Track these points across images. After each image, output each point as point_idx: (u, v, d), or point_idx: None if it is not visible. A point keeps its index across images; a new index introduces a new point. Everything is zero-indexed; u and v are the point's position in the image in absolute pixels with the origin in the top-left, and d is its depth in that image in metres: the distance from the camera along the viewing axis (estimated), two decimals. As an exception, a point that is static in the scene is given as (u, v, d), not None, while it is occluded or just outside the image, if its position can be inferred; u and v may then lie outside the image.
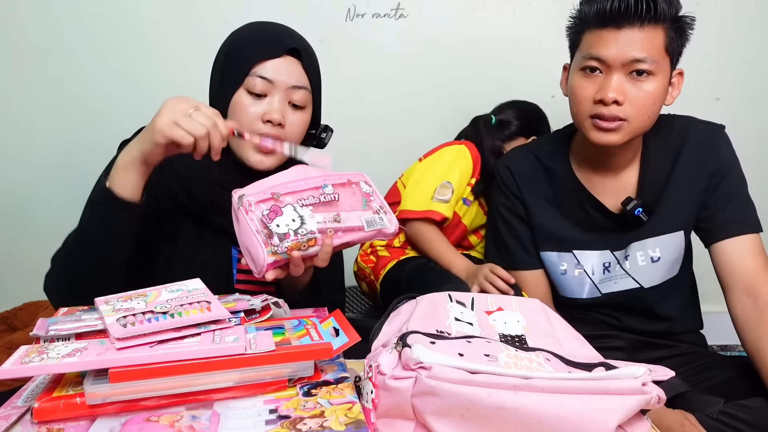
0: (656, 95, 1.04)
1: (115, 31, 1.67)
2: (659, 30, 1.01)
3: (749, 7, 1.76)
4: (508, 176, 1.25)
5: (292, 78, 0.96)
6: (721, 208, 1.14)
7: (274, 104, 0.95)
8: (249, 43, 0.97)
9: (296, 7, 1.68)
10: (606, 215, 1.17)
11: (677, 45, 1.04)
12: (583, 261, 1.20)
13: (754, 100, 1.83)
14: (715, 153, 1.14)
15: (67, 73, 1.68)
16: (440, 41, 1.74)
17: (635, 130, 1.06)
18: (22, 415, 0.61)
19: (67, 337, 0.65)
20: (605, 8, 1.01)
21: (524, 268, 1.25)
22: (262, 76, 0.94)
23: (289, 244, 0.75)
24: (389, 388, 0.58)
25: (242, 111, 0.95)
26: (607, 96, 1.02)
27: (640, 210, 1.12)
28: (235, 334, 0.64)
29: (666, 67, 1.04)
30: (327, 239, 0.78)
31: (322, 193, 0.80)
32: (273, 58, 0.94)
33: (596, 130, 1.07)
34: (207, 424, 0.57)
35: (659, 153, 1.16)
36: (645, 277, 1.19)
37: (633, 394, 0.55)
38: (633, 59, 1.01)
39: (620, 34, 1.01)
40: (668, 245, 1.17)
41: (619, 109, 1.03)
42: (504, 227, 1.26)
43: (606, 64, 1.03)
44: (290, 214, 0.77)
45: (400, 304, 0.76)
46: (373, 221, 0.82)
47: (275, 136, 0.94)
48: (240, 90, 0.95)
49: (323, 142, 1.07)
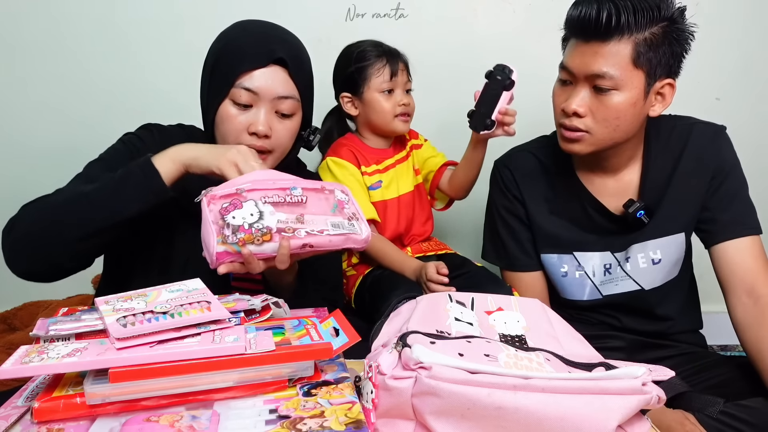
0: (620, 109, 1.02)
1: (115, 32, 1.67)
2: (626, 44, 0.98)
3: (749, 7, 1.76)
4: (508, 177, 1.24)
5: (278, 88, 0.94)
6: (721, 209, 1.14)
7: (259, 116, 0.94)
8: (234, 51, 0.95)
9: (296, 7, 1.67)
10: (607, 217, 1.17)
11: (656, 55, 1.00)
12: (584, 262, 1.20)
13: (754, 100, 1.83)
14: (717, 154, 1.14)
15: (67, 73, 1.68)
16: (440, 41, 1.74)
17: (600, 142, 1.06)
18: (22, 415, 0.61)
19: (67, 337, 0.65)
20: (574, 19, 1.02)
21: (522, 270, 1.25)
22: (246, 88, 0.93)
23: (242, 236, 0.75)
24: (389, 388, 0.58)
25: (228, 122, 0.94)
26: (568, 107, 1.04)
27: (642, 212, 1.12)
28: (235, 334, 0.64)
29: (636, 81, 1.01)
30: (284, 240, 0.76)
31: (289, 194, 0.80)
32: (258, 69, 0.93)
33: (562, 139, 1.10)
34: (207, 424, 0.57)
35: (660, 154, 1.16)
36: (646, 279, 1.18)
37: (633, 394, 0.55)
38: (592, 74, 1.01)
39: (586, 47, 1.01)
40: (669, 247, 1.17)
41: (580, 121, 1.05)
42: (503, 228, 1.26)
43: (573, 75, 1.05)
44: (250, 209, 0.77)
45: (400, 304, 0.76)
46: (341, 225, 0.81)
47: (262, 149, 0.95)
48: (226, 101, 0.94)
49: (311, 144, 1.06)
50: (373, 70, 1.40)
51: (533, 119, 1.72)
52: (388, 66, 1.39)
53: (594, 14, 0.97)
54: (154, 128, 1.05)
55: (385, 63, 1.39)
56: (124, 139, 1.03)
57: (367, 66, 1.40)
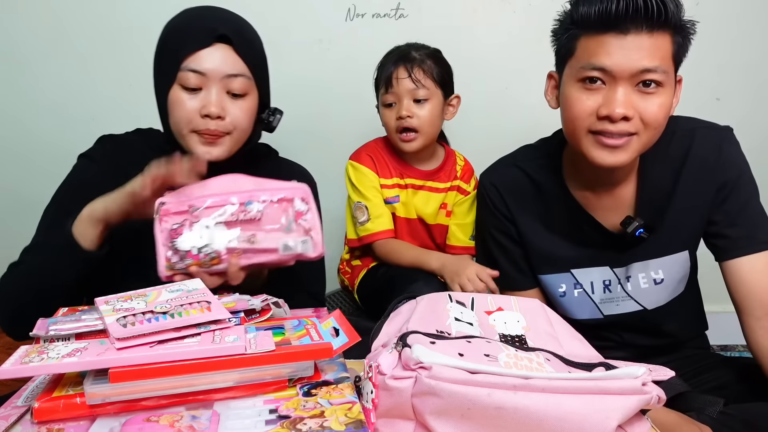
0: (668, 108, 0.93)
1: (116, 32, 1.67)
2: (667, 36, 0.90)
3: (749, 7, 1.76)
4: (495, 195, 1.14)
5: (225, 66, 0.91)
6: (730, 224, 1.04)
7: (210, 97, 0.91)
8: (177, 34, 0.93)
9: (296, 7, 1.67)
10: (604, 234, 1.08)
11: (682, 52, 0.94)
12: (582, 279, 1.12)
13: (754, 101, 1.83)
14: (723, 162, 1.03)
15: (66, 73, 1.68)
16: (440, 41, 1.73)
17: (644, 146, 0.96)
18: (22, 415, 0.61)
19: (67, 337, 0.65)
20: (609, 9, 0.88)
21: (520, 289, 1.17)
22: (193, 70, 0.90)
23: (190, 262, 0.76)
24: (389, 388, 0.58)
25: (179, 107, 0.92)
26: (614, 112, 0.90)
27: (641, 231, 1.02)
28: (235, 334, 0.64)
29: (673, 78, 0.94)
30: (233, 258, 0.77)
31: (243, 210, 0.79)
32: (202, 49, 0.90)
33: (600, 149, 0.94)
34: (207, 424, 0.57)
35: (659, 164, 1.05)
36: (648, 300, 1.11)
37: (633, 394, 0.55)
38: (643, 69, 0.89)
39: (626, 41, 0.89)
40: (672, 266, 1.09)
41: (629, 124, 0.92)
42: (496, 248, 1.18)
43: (610, 74, 0.91)
44: (199, 231, 0.77)
45: (400, 304, 0.76)
46: (293, 246, 0.80)
47: (216, 133, 0.92)
48: (174, 86, 0.92)
49: (272, 126, 1.02)
50: (379, 81, 1.32)
51: (533, 121, 1.73)
52: (384, 74, 1.29)
53: (641, 4, 0.87)
54: (107, 140, 1.04)
55: (384, 71, 1.30)
56: (77, 166, 1.02)
57: (377, 75, 1.33)
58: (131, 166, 0.88)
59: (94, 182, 0.92)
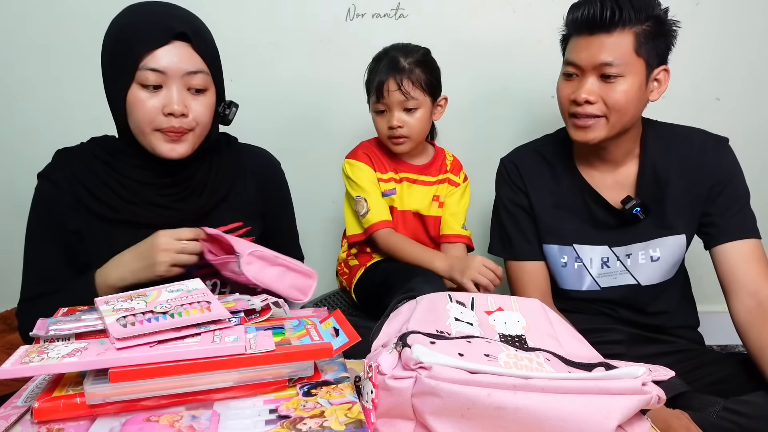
0: (629, 94, 1.10)
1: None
2: (628, 34, 1.08)
3: (749, 8, 1.76)
4: (514, 172, 1.30)
5: (185, 64, 0.91)
6: (722, 214, 1.17)
7: (172, 96, 0.91)
8: (132, 33, 0.92)
9: (296, 7, 1.67)
10: (607, 209, 1.22)
11: (653, 46, 1.10)
12: (583, 255, 1.24)
13: (754, 101, 1.83)
14: (717, 164, 1.18)
15: (66, 73, 1.68)
16: (440, 41, 1.73)
17: (612, 127, 1.13)
18: (22, 415, 0.61)
19: (67, 337, 0.65)
20: (578, 17, 1.11)
21: (526, 259, 1.29)
22: (152, 68, 0.89)
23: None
24: (389, 388, 0.58)
25: (140, 107, 0.91)
26: (579, 96, 1.12)
27: (638, 209, 1.17)
28: (235, 334, 0.64)
29: (639, 68, 1.10)
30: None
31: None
32: (160, 47, 0.90)
33: (575, 129, 1.16)
34: (207, 424, 0.57)
35: (660, 154, 1.20)
36: (643, 275, 1.22)
37: (633, 394, 0.55)
38: (601, 63, 1.09)
39: (591, 40, 1.10)
40: (670, 247, 1.20)
41: (594, 107, 1.12)
42: (508, 219, 1.31)
43: (580, 68, 1.12)
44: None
45: (400, 304, 0.76)
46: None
47: (180, 130, 0.93)
48: (133, 85, 0.91)
49: (228, 119, 1.03)
50: (370, 87, 1.34)
51: (535, 117, 1.73)
52: (375, 83, 1.31)
53: (598, 10, 1.08)
54: (63, 153, 1.04)
55: (375, 79, 1.32)
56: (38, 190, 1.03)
57: (367, 79, 1.35)
58: (87, 175, 0.96)
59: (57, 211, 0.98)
